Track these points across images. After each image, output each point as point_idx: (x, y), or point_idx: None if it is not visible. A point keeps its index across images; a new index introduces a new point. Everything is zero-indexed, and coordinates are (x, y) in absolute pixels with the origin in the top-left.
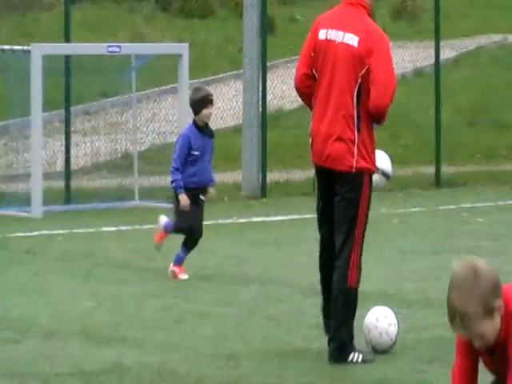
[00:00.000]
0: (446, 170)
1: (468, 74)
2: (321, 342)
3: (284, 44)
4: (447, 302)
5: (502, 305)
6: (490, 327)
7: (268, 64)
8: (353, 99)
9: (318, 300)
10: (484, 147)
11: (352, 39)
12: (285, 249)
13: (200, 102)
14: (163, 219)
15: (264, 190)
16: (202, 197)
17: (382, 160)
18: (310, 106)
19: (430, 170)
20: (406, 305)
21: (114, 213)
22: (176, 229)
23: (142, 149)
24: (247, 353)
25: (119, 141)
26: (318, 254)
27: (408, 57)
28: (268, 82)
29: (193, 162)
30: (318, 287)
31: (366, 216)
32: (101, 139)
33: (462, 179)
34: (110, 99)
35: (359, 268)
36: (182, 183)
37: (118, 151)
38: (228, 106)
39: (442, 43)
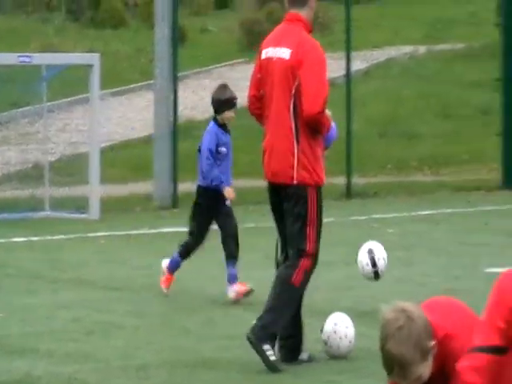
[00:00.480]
0: (358, 180)
1: (379, 86)
2: (232, 352)
3: (195, 54)
4: (382, 352)
5: (435, 343)
6: (426, 367)
7: (179, 75)
8: (289, 111)
9: (229, 310)
10: (395, 158)
11: (285, 53)
12: (195, 259)
13: (224, 103)
14: (165, 262)
15: (175, 201)
16: (227, 202)
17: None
18: (262, 123)
19: (342, 180)
20: (317, 315)
21: (25, 223)
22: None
23: (53, 159)
24: (158, 363)
25: (30, 151)
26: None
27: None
28: (179, 93)
29: (219, 161)
30: (228, 298)
31: (317, 230)
32: (11, 149)
33: (372, 190)
34: (20, 109)
35: (308, 274)
36: (221, 177)
37: (29, 161)
38: (139, 116)
39: (353, 54)
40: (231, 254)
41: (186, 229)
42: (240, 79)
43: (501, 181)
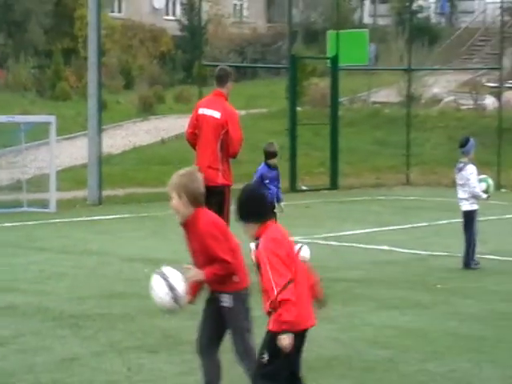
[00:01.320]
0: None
1: None
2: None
3: (112, 116)
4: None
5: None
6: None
7: (102, 127)
8: (217, 147)
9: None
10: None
11: (216, 114)
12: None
13: (270, 153)
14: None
15: (100, 201)
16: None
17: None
18: (195, 149)
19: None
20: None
21: (11, 215)
22: None
23: (28, 177)
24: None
25: (14, 173)
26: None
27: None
28: (103, 138)
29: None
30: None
31: (228, 214)
32: (3, 172)
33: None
34: (8, 148)
35: None
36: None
37: (14, 179)
38: (80, 152)
39: None
40: None
41: (106, 217)
42: (137, 129)
43: (287, 188)
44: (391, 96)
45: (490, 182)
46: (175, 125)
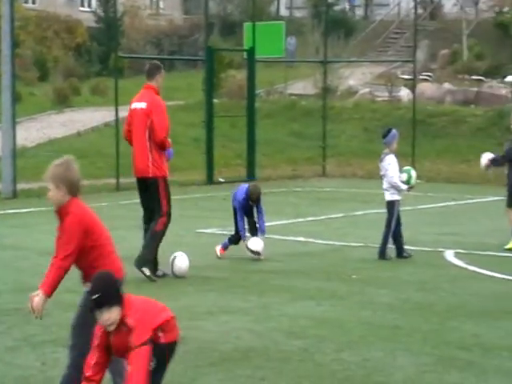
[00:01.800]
0: (123, 180)
1: None
2: None
3: (26, 108)
4: None
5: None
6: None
7: (16, 120)
8: (145, 137)
9: None
10: None
11: (142, 105)
12: None
13: (253, 195)
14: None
15: (15, 194)
16: None
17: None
18: (132, 145)
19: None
20: None
21: None
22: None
23: None
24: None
25: None
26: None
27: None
28: (17, 131)
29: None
30: None
31: (167, 201)
32: None
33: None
34: None
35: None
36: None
37: None
38: None
39: (120, 107)
40: None
41: (21, 211)
42: (52, 121)
43: (204, 180)
44: (308, 88)
45: (413, 173)
46: (91, 117)
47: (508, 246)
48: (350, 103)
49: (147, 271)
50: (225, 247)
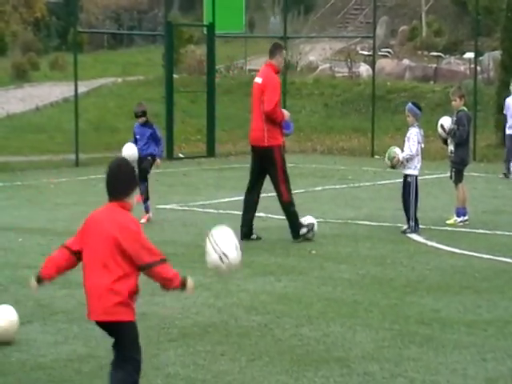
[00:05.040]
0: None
1: (94, 101)
2: None
3: None
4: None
5: None
6: None
7: None
8: (261, 109)
9: None
10: (103, 143)
11: (259, 80)
12: None
13: (136, 114)
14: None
15: None
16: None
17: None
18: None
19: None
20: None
21: None
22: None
23: None
24: None
25: None
26: None
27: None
28: None
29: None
30: None
31: (284, 172)
32: None
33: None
34: None
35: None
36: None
37: None
38: None
39: (79, 82)
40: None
41: None
42: (10, 97)
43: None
44: None
45: (390, 150)
46: (50, 92)
47: (449, 221)
48: (310, 79)
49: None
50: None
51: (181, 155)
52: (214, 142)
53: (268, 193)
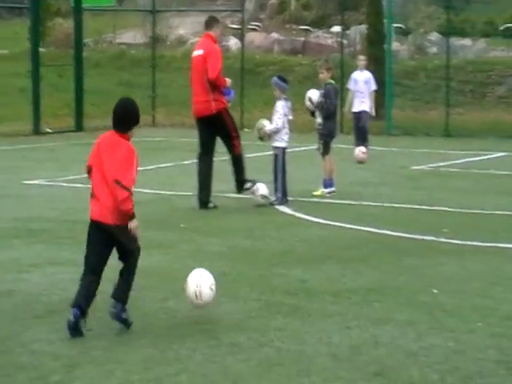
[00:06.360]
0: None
1: None
2: None
3: None
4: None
5: None
6: None
7: None
8: (205, 78)
9: None
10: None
11: (199, 51)
12: None
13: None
14: None
15: None
16: None
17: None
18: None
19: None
20: None
21: None
22: None
23: None
24: None
25: None
26: None
27: None
28: None
29: None
30: None
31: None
32: None
33: None
34: None
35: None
36: None
37: None
38: None
39: None
40: None
41: None
42: None
43: (31, 131)
44: (137, 37)
45: (258, 122)
46: None
47: (316, 193)
48: (180, 53)
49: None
50: None
51: (48, 130)
52: (82, 117)
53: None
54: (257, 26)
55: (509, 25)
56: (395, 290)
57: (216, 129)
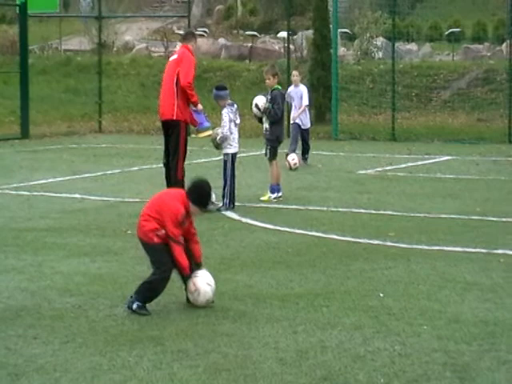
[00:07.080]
0: None
1: None
2: None
3: None
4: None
5: None
6: None
7: None
8: (173, 84)
9: None
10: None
11: (174, 56)
12: None
13: None
14: None
15: None
16: None
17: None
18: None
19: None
20: None
21: None
22: None
23: None
24: None
25: None
26: None
27: None
28: None
29: None
30: None
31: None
32: None
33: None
34: None
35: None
36: None
37: None
38: None
39: None
40: None
41: None
42: None
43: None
44: (84, 44)
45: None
46: None
47: (264, 198)
48: (127, 59)
49: None
50: None
51: None
52: (28, 124)
53: (83, 174)
54: (204, 31)
55: (454, 29)
56: (342, 295)
57: (171, 137)
